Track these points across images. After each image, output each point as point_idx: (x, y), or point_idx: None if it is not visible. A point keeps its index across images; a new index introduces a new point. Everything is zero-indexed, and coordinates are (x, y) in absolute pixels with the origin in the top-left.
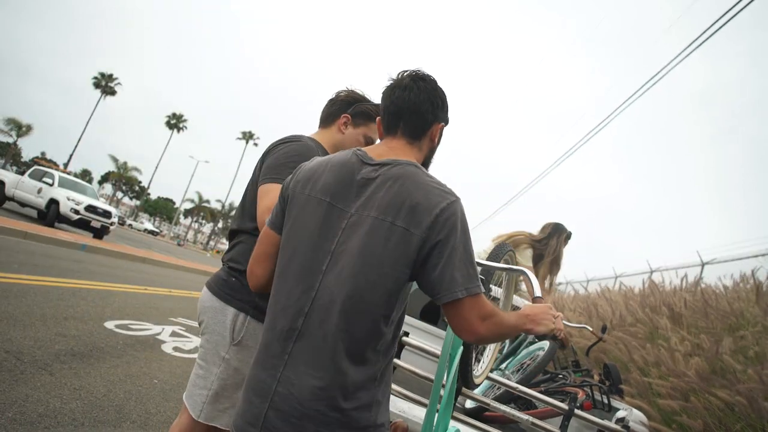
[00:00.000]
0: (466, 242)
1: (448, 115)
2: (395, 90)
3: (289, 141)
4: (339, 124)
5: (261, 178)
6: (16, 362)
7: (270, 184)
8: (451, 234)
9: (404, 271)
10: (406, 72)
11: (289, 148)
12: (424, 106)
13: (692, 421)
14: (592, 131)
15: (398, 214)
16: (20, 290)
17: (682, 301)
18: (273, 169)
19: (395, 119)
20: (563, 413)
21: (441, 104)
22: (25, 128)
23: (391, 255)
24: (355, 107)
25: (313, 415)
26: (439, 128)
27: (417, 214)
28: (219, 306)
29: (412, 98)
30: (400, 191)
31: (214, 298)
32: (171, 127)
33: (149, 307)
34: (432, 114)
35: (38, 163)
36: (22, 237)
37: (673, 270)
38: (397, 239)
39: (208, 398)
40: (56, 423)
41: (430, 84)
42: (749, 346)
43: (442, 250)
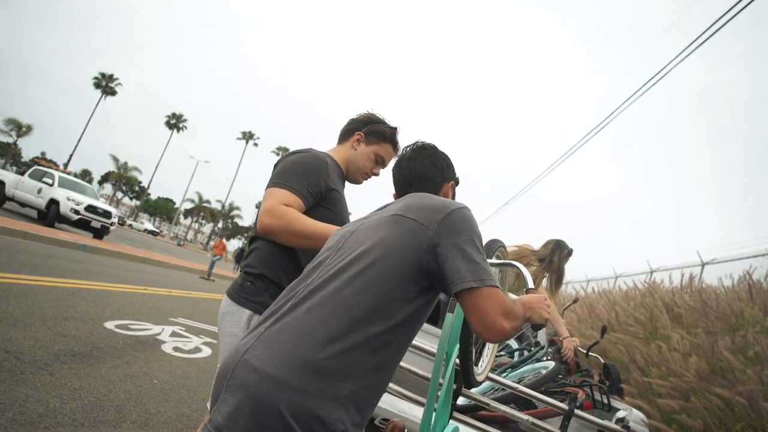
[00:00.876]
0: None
1: (454, 174)
2: (402, 163)
3: (299, 152)
4: (352, 140)
5: (268, 183)
6: (16, 362)
7: (274, 188)
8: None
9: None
10: (407, 146)
11: (297, 158)
12: (431, 171)
13: (692, 421)
14: (591, 131)
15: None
16: (20, 290)
17: (682, 301)
18: (279, 176)
19: (407, 188)
20: (563, 413)
21: (445, 166)
22: (25, 128)
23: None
24: (370, 126)
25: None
26: (450, 186)
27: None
28: (236, 309)
29: (418, 166)
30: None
31: (232, 303)
32: (171, 127)
33: (149, 307)
34: (440, 176)
35: (38, 163)
36: (22, 237)
37: (673, 270)
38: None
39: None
40: (56, 423)
41: (431, 151)
42: (749, 346)
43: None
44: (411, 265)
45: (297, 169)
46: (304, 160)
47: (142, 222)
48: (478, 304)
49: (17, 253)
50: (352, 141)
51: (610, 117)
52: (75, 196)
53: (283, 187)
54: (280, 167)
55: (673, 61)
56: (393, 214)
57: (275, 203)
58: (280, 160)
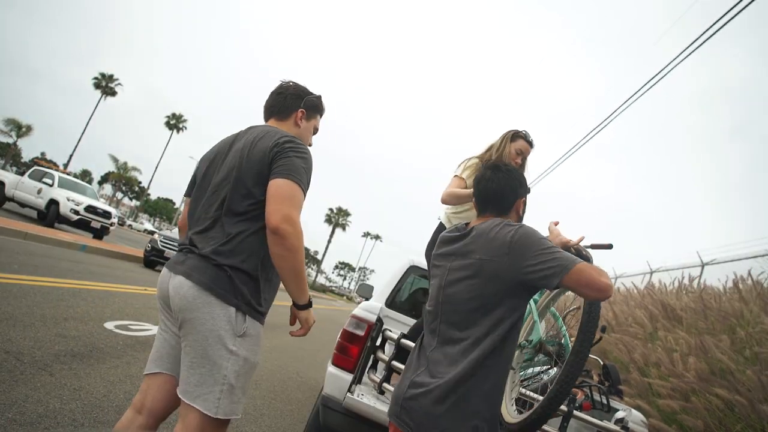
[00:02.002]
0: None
1: (527, 189)
2: (481, 182)
3: (305, 150)
4: (296, 118)
5: (287, 169)
6: (16, 363)
7: (298, 188)
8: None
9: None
10: (488, 166)
11: (309, 158)
12: (506, 191)
13: (692, 421)
14: (591, 132)
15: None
16: (20, 291)
17: (681, 302)
18: (300, 173)
19: (484, 204)
20: (562, 414)
21: (519, 184)
22: (25, 129)
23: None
24: (306, 101)
25: None
26: (522, 201)
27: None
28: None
29: (494, 187)
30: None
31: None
32: (170, 128)
33: (149, 308)
34: (513, 194)
35: (38, 163)
36: (22, 237)
37: (673, 270)
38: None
39: (222, 392)
40: (56, 423)
41: (505, 173)
42: (747, 347)
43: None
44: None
45: (309, 171)
46: (311, 162)
47: (141, 222)
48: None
49: (17, 254)
50: (296, 118)
51: (610, 117)
52: (75, 197)
53: (303, 192)
54: (300, 162)
55: (673, 61)
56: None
57: (298, 215)
58: (293, 147)
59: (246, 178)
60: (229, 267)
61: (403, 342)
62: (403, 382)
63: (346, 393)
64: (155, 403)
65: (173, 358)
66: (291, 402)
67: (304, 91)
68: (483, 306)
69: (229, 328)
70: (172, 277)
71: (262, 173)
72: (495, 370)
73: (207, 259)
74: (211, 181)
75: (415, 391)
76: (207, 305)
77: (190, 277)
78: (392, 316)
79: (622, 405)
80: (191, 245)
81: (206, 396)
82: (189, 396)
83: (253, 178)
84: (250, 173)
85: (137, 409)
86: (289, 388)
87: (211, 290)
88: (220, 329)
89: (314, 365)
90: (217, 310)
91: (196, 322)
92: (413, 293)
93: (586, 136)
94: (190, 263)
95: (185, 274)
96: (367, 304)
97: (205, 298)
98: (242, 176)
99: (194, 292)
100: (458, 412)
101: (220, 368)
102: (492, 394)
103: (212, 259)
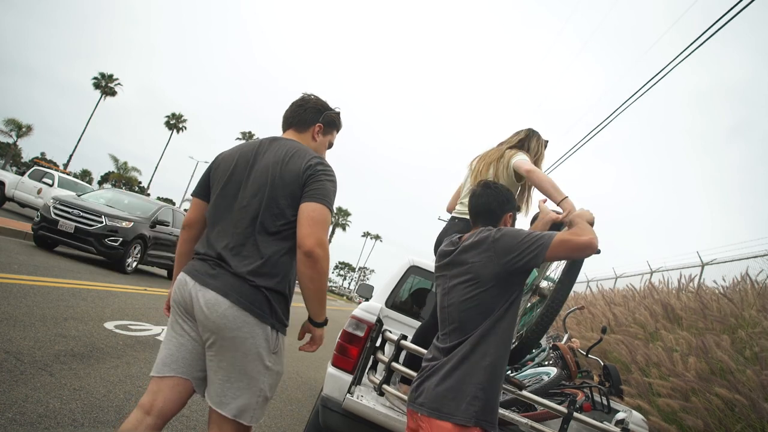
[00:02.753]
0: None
1: (514, 206)
2: (473, 198)
3: (332, 173)
4: (314, 132)
5: (319, 194)
6: (16, 363)
7: (328, 212)
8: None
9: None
10: (479, 183)
11: (335, 181)
12: (493, 205)
13: (693, 421)
14: (592, 131)
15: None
16: (20, 291)
17: (681, 302)
18: (330, 197)
19: (475, 218)
20: (562, 416)
21: (506, 200)
22: (25, 129)
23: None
24: (325, 116)
25: None
26: (509, 216)
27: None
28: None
29: (482, 202)
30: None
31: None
32: (170, 128)
33: (149, 308)
34: (500, 210)
35: (38, 163)
36: (22, 237)
37: (673, 270)
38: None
39: (259, 404)
40: (56, 423)
41: (494, 189)
42: (747, 347)
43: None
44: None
45: (335, 194)
46: (337, 184)
47: None
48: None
49: (17, 254)
50: (313, 132)
51: (611, 117)
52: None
53: (331, 214)
54: (330, 186)
55: (672, 62)
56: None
57: (327, 238)
58: (324, 170)
59: (279, 197)
60: (266, 288)
61: (403, 343)
62: (418, 374)
63: (345, 394)
64: (167, 404)
65: (188, 362)
66: (291, 402)
67: (324, 106)
68: (482, 304)
69: (266, 346)
70: (202, 289)
71: (295, 195)
72: (494, 346)
73: (244, 279)
74: (238, 192)
75: (425, 375)
76: (247, 325)
77: (228, 296)
78: (392, 316)
79: (622, 406)
80: (221, 260)
81: (248, 409)
82: (230, 410)
83: (286, 198)
84: (282, 193)
85: (146, 410)
86: (289, 388)
87: (251, 311)
88: (259, 347)
89: (314, 365)
90: (256, 329)
91: (236, 341)
92: (413, 293)
93: (587, 136)
94: (225, 280)
95: (222, 292)
96: (367, 304)
97: (245, 318)
98: (275, 196)
99: (234, 312)
100: (460, 386)
101: (258, 383)
102: (493, 367)
103: (250, 280)
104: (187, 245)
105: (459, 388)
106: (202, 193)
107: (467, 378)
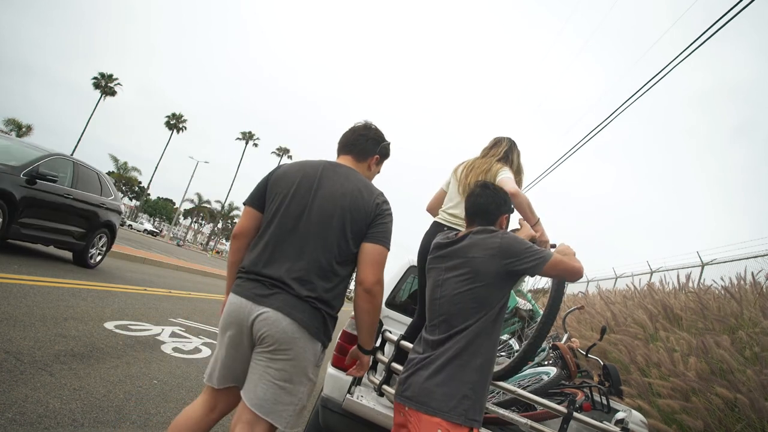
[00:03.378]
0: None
1: (509, 207)
2: (470, 197)
3: (390, 211)
4: (371, 162)
5: (382, 237)
6: (16, 363)
7: (386, 252)
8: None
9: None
10: (477, 184)
11: (393, 223)
12: (491, 207)
13: (693, 421)
14: (592, 131)
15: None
16: (20, 291)
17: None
18: (389, 238)
19: (472, 217)
20: (562, 416)
21: (502, 202)
22: (25, 129)
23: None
24: (381, 148)
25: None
26: (505, 218)
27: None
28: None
29: (481, 202)
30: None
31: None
32: (171, 128)
33: (149, 308)
34: (497, 211)
35: None
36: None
37: (673, 270)
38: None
39: (296, 411)
40: (56, 423)
41: (492, 190)
42: (747, 347)
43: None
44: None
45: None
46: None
47: (141, 222)
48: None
49: (17, 254)
50: (370, 162)
51: (611, 117)
52: None
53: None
54: (391, 226)
55: (672, 61)
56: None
57: (383, 277)
58: (388, 210)
59: (347, 231)
60: (325, 312)
61: (402, 343)
62: (405, 367)
63: (345, 394)
64: (229, 406)
65: (242, 374)
66: None
67: (381, 137)
68: (475, 297)
69: (314, 360)
70: (260, 309)
71: (362, 232)
72: (485, 347)
73: (306, 300)
74: (302, 215)
75: (413, 368)
76: (302, 340)
77: (289, 315)
78: (392, 316)
79: (622, 405)
80: (282, 283)
81: (281, 413)
82: (263, 411)
83: (354, 233)
84: (351, 228)
85: (210, 408)
86: None
87: (308, 329)
88: (308, 361)
89: None
90: (309, 345)
91: (290, 354)
92: (413, 293)
93: (587, 136)
94: (286, 300)
95: (284, 311)
96: None
97: (302, 334)
98: (345, 229)
99: (294, 328)
100: (451, 384)
101: (298, 392)
102: (483, 368)
103: (311, 302)
104: (239, 254)
105: (450, 385)
106: (256, 203)
107: (459, 376)
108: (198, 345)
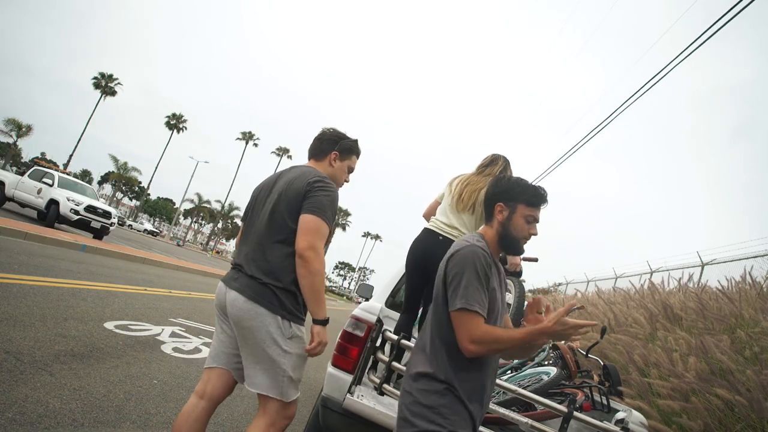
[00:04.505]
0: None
1: (503, 197)
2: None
3: (331, 187)
4: (330, 159)
5: (313, 208)
6: (16, 362)
7: (322, 222)
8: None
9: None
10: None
11: (334, 196)
12: (487, 195)
13: (692, 422)
14: (592, 131)
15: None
16: (20, 291)
17: (681, 302)
18: (325, 210)
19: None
20: (562, 416)
21: (492, 193)
22: (25, 129)
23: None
24: (340, 144)
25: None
26: (498, 207)
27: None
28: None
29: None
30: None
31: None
32: (171, 128)
33: (149, 308)
34: (491, 200)
35: (38, 163)
36: (22, 238)
37: (673, 270)
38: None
39: (284, 381)
40: (56, 423)
41: (493, 179)
42: (747, 347)
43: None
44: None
45: (333, 206)
46: (335, 197)
47: (141, 222)
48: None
49: (17, 254)
50: (329, 159)
51: (611, 117)
52: (75, 197)
53: (327, 224)
54: (324, 199)
55: (673, 61)
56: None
57: (321, 244)
58: (322, 186)
59: (284, 212)
60: (273, 285)
61: (403, 343)
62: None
63: (345, 394)
64: (215, 390)
65: (227, 356)
66: None
67: (339, 136)
68: (445, 303)
69: (280, 333)
70: (228, 291)
71: (297, 209)
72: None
73: (254, 279)
74: (259, 213)
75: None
76: (260, 315)
77: (243, 293)
78: (392, 316)
79: (622, 405)
80: (240, 267)
81: (274, 386)
82: (259, 387)
83: (290, 212)
84: (287, 208)
85: (200, 395)
86: None
87: (262, 303)
88: (273, 334)
89: (314, 365)
90: (268, 319)
91: (253, 330)
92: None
93: (587, 136)
94: (242, 281)
95: (240, 290)
96: (367, 304)
97: (257, 310)
98: (281, 210)
99: (248, 306)
100: (429, 385)
101: (279, 364)
102: (461, 368)
103: (259, 279)
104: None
105: (428, 387)
106: (244, 218)
107: (436, 377)
108: (198, 345)
